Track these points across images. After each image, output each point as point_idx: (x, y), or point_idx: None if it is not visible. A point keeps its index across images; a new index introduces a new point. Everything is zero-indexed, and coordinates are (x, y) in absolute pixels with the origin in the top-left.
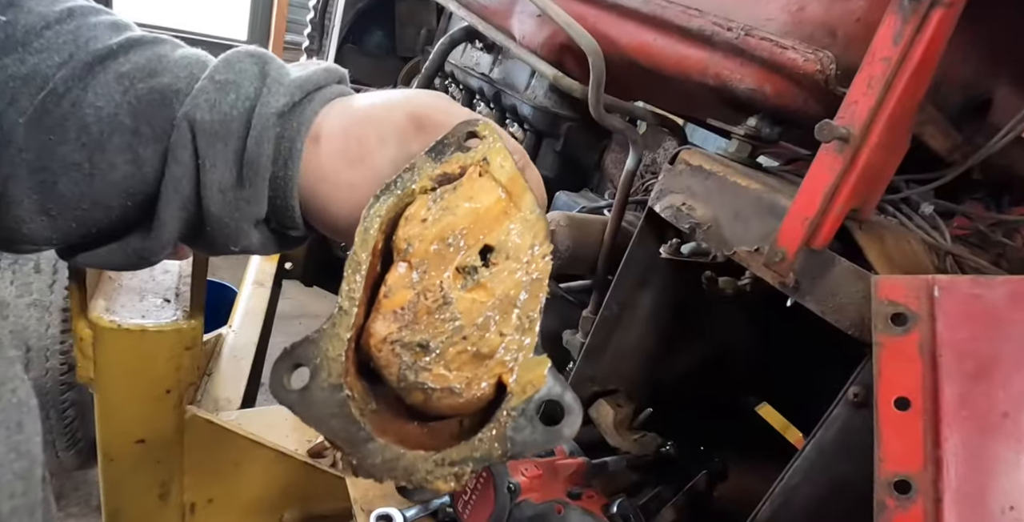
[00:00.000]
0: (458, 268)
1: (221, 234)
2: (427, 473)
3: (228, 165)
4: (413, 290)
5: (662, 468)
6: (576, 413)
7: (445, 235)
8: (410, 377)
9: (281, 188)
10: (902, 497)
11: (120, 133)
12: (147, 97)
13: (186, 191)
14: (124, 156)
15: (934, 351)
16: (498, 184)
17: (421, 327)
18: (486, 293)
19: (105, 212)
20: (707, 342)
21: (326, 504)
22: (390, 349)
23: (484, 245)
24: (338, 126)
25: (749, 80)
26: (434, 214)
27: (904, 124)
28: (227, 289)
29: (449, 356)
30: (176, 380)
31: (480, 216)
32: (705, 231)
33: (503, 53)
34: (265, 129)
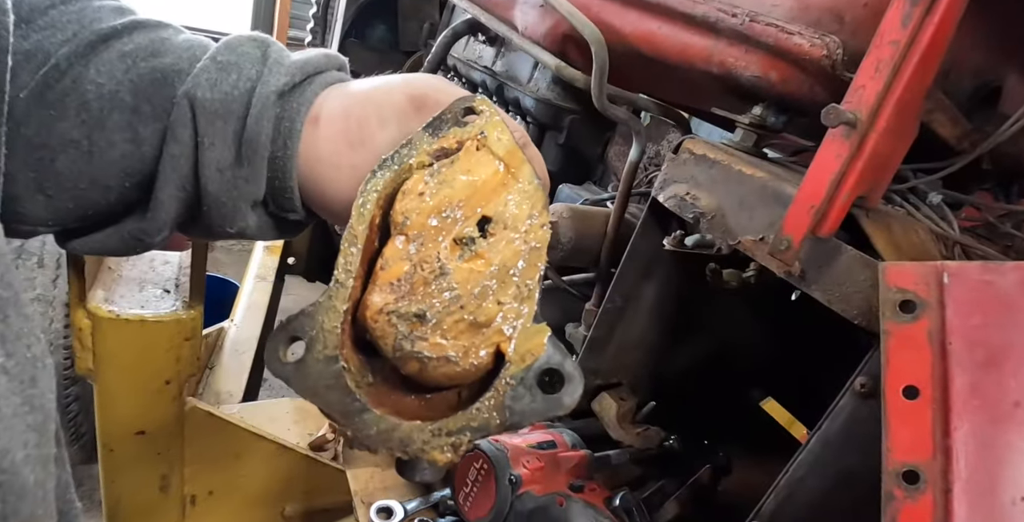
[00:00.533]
0: (455, 239)
1: (218, 214)
2: (423, 443)
3: (227, 144)
4: (410, 262)
5: (665, 462)
6: (577, 381)
7: (442, 207)
8: (406, 347)
9: (280, 168)
10: (911, 488)
11: (120, 111)
12: (149, 76)
13: (184, 170)
14: (123, 134)
15: (943, 339)
16: (496, 157)
17: (418, 298)
18: (484, 263)
19: (103, 192)
20: (711, 335)
21: (328, 497)
22: (386, 320)
23: (482, 216)
24: (338, 108)
25: (754, 67)
26: (431, 188)
27: (912, 110)
28: (230, 284)
29: (446, 325)
30: (176, 371)
31: (478, 188)
32: (709, 220)
33: (506, 46)
34: (265, 108)
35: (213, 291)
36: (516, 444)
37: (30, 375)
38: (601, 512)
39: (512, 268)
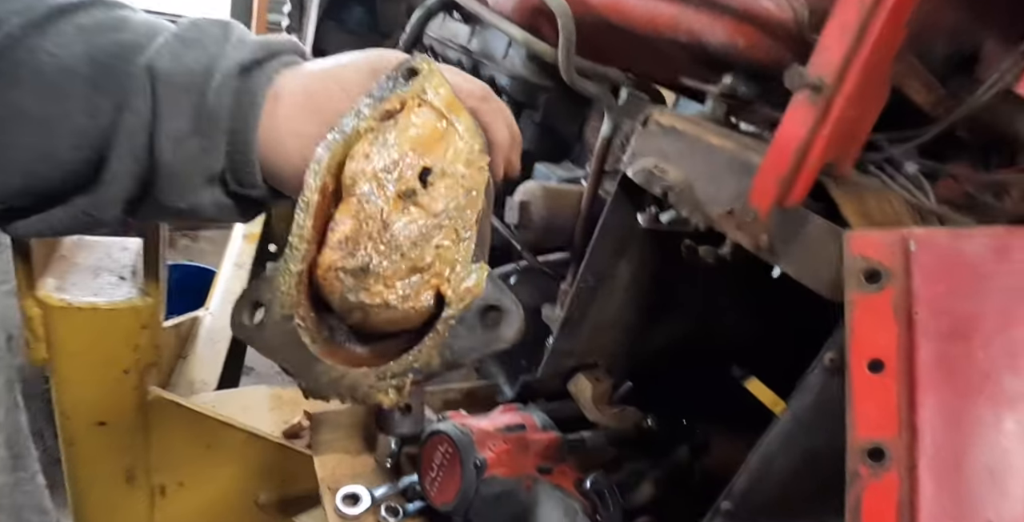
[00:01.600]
0: (399, 194)
1: (170, 187)
2: (369, 388)
3: (186, 115)
4: (356, 220)
5: (643, 443)
6: (514, 315)
7: (387, 166)
8: (351, 298)
9: (241, 141)
10: (875, 465)
11: (77, 82)
12: (108, 49)
13: (140, 140)
14: (79, 106)
15: (909, 309)
16: (435, 110)
17: (362, 252)
18: (423, 212)
19: (53, 167)
20: (689, 313)
21: (302, 485)
22: (334, 275)
23: (422, 168)
24: (299, 83)
25: (721, 33)
26: (376, 149)
27: (881, 73)
28: (209, 272)
29: (387, 274)
30: (134, 360)
31: (419, 143)
32: (678, 194)
33: (480, 24)
34: (226, 80)
35: (190, 279)
36: (483, 427)
37: None
38: (570, 494)
39: (449, 213)
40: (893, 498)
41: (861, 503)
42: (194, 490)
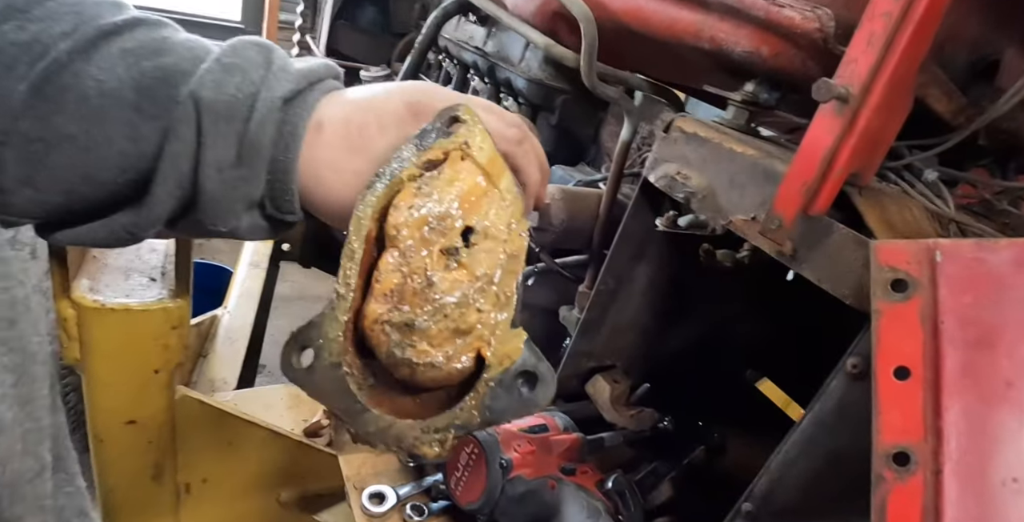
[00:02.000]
0: (441, 250)
1: (212, 213)
2: (415, 439)
3: (229, 144)
4: (401, 273)
5: (659, 444)
6: (549, 382)
7: (429, 220)
8: (397, 354)
9: (281, 170)
10: (901, 469)
11: (121, 107)
12: (151, 74)
13: (184, 168)
14: (123, 131)
15: (936, 318)
16: (478, 166)
17: (407, 308)
18: (467, 272)
19: (95, 188)
20: (705, 316)
21: (322, 483)
22: (380, 329)
23: (465, 227)
24: (339, 114)
25: (745, 42)
26: (419, 201)
27: (906, 84)
28: (225, 271)
29: (432, 333)
30: (164, 360)
31: (461, 199)
32: (700, 200)
33: (497, 26)
34: (270, 112)
35: (207, 279)
36: (507, 428)
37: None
38: (593, 495)
39: (492, 277)
40: (918, 502)
41: (886, 506)
42: (218, 487)
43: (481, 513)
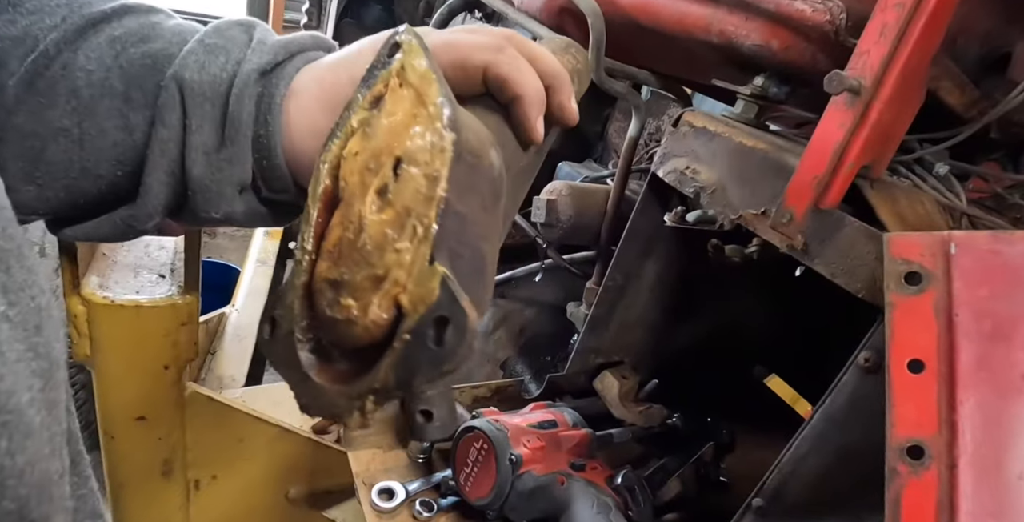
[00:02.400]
0: (376, 191)
1: (203, 199)
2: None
3: (214, 126)
4: (341, 225)
5: (668, 440)
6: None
7: (367, 161)
8: (328, 313)
9: (265, 148)
10: (915, 463)
11: (111, 97)
12: (139, 61)
13: (173, 154)
14: (114, 122)
15: (950, 311)
16: (412, 88)
17: (342, 262)
18: (391, 209)
19: (94, 181)
20: (714, 312)
21: (332, 479)
22: (319, 290)
23: (395, 158)
24: (311, 77)
25: (755, 35)
26: (363, 143)
27: (918, 76)
28: (233, 269)
29: (355, 284)
30: (174, 356)
31: (395, 128)
32: (710, 195)
33: (503, 22)
34: (247, 86)
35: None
36: (516, 424)
37: (35, 323)
38: (603, 490)
39: (411, 209)
40: (933, 495)
41: (901, 500)
42: (227, 484)
43: (491, 509)
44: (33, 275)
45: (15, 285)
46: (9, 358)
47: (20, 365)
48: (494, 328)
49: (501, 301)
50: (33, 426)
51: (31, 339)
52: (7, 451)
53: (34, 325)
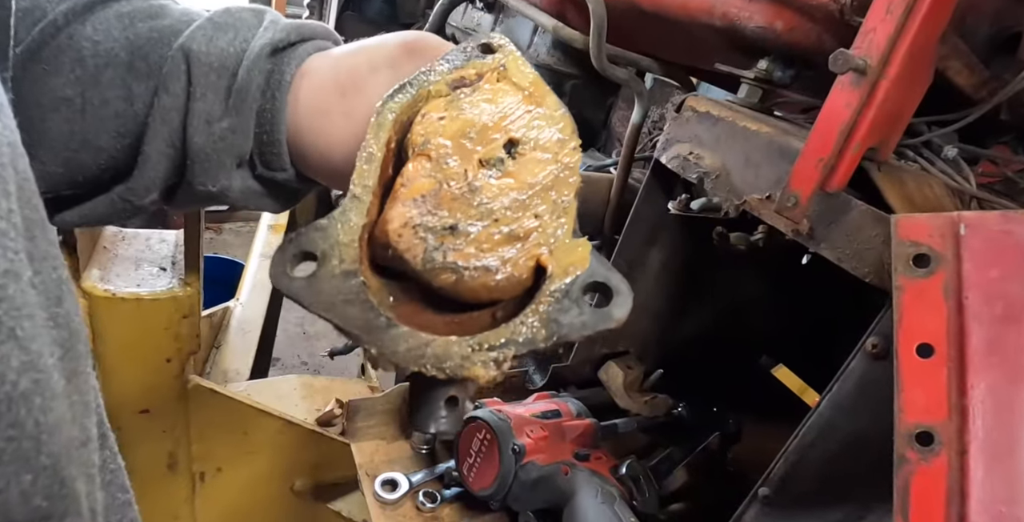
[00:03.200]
0: (481, 160)
1: (201, 170)
2: (463, 359)
3: (218, 96)
4: (434, 179)
5: (674, 430)
6: (626, 294)
7: (465, 130)
8: (437, 258)
9: (268, 122)
10: (924, 449)
11: (115, 67)
12: (146, 35)
13: (174, 123)
14: (117, 91)
15: (960, 293)
16: (518, 87)
17: (446, 213)
18: (515, 181)
19: (94, 155)
20: (719, 301)
21: (336, 472)
22: (412, 233)
23: (508, 139)
24: (326, 62)
25: (759, 17)
26: (452, 113)
27: (926, 55)
28: (238, 265)
29: (480, 237)
30: (176, 349)
31: (501, 113)
32: (714, 180)
33: (504, 12)
34: (258, 60)
35: (220, 271)
36: (520, 414)
37: (56, 295)
38: (607, 480)
39: (546, 186)
40: (942, 482)
41: (909, 487)
42: (232, 476)
43: (494, 499)
44: (54, 248)
45: (39, 254)
46: (37, 322)
47: (43, 330)
48: None
49: None
50: (58, 390)
51: (52, 308)
52: (40, 407)
53: (56, 296)
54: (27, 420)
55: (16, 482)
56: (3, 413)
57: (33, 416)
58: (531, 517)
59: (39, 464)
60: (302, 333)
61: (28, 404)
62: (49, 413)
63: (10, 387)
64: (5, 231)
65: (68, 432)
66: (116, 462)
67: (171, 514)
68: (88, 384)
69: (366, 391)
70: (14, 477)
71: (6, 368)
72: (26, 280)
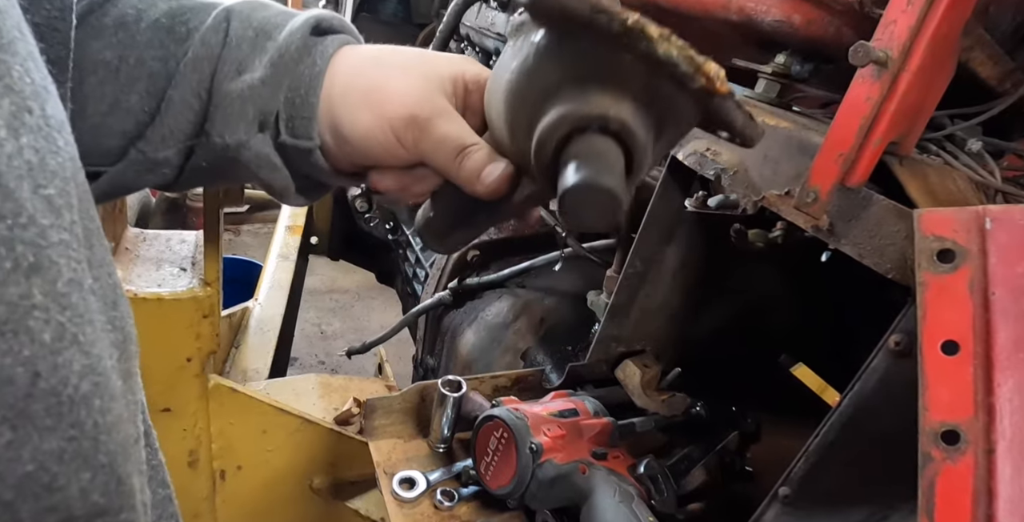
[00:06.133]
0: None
1: (222, 117)
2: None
3: (254, 51)
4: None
5: (692, 429)
6: None
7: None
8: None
9: (305, 84)
10: (950, 448)
11: (155, 30)
12: (189, 4)
13: (204, 71)
14: (153, 52)
15: (986, 289)
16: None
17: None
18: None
19: (121, 118)
20: (737, 298)
21: (354, 470)
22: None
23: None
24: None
25: (776, 11)
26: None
27: (949, 46)
28: (256, 266)
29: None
30: (196, 348)
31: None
32: (732, 176)
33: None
34: (300, 29)
35: (239, 272)
36: (537, 412)
37: (112, 299)
38: (625, 479)
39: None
40: (969, 482)
41: (935, 486)
42: (252, 474)
43: (511, 498)
44: (108, 254)
45: (97, 261)
46: (97, 327)
47: (103, 334)
48: (514, 318)
49: (520, 291)
50: (116, 391)
51: (109, 312)
52: (100, 409)
53: (112, 300)
54: (87, 421)
55: (76, 479)
56: (64, 414)
57: (92, 417)
58: (548, 516)
59: (97, 462)
60: (319, 333)
61: (88, 406)
62: (108, 414)
63: (72, 390)
64: (68, 242)
65: (124, 431)
66: (157, 458)
67: (192, 512)
68: (139, 384)
69: (383, 390)
70: (74, 475)
71: (69, 372)
72: (87, 287)
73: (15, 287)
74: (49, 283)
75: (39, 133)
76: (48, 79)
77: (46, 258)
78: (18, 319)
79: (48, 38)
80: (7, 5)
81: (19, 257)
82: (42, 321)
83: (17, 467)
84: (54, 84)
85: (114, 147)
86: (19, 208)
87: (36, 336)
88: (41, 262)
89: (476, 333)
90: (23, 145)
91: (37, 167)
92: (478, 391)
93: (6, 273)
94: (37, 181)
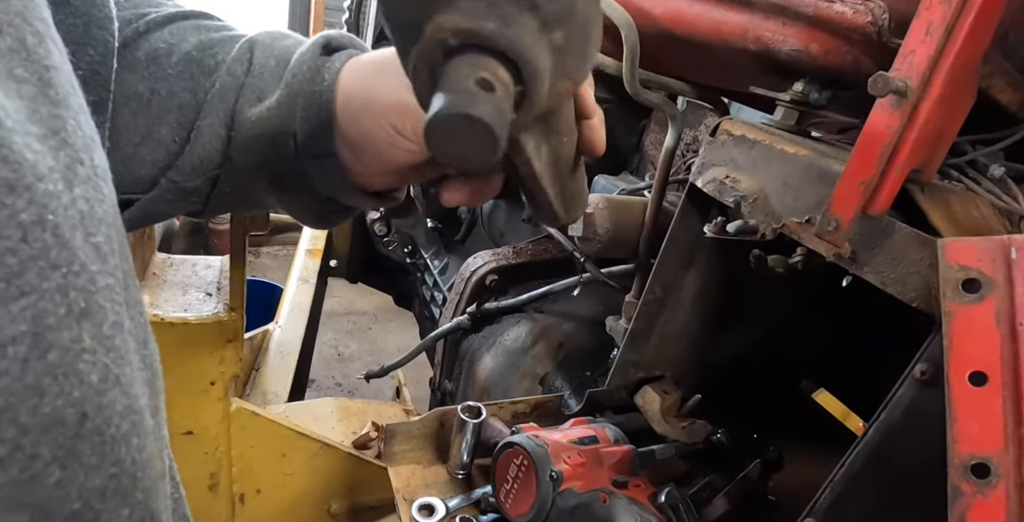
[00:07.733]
0: None
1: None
2: None
3: (273, 78)
4: None
5: (713, 457)
6: None
7: None
8: None
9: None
10: (980, 482)
11: (185, 63)
12: (218, 38)
13: (230, 101)
14: (184, 84)
15: (1013, 319)
16: None
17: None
18: None
19: (152, 149)
20: (758, 324)
21: (372, 495)
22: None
23: None
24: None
25: (793, 40)
26: None
27: (969, 75)
28: (276, 288)
29: None
30: (220, 372)
31: None
32: (751, 204)
33: None
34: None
35: (260, 295)
36: (556, 439)
37: (143, 338)
38: (646, 508)
39: None
40: (1000, 517)
41: (966, 521)
42: (271, 498)
43: None
44: (139, 293)
45: (132, 301)
46: (134, 367)
47: (138, 373)
48: (532, 343)
49: (539, 316)
50: (149, 428)
51: (141, 351)
52: (137, 447)
53: (143, 338)
54: (127, 459)
55: (116, 516)
56: (108, 453)
57: (131, 455)
58: None
59: (135, 499)
60: (337, 354)
61: (128, 444)
62: (143, 451)
63: (115, 430)
64: (112, 286)
65: (156, 467)
66: (179, 491)
67: None
68: (164, 419)
69: (401, 414)
70: (115, 512)
71: (112, 412)
72: (126, 329)
73: (68, 332)
74: (96, 326)
75: (89, 183)
76: (95, 129)
77: (95, 303)
78: (69, 362)
79: (90, 82)
80: (60, 61)
81: (72, 303)
82: (90, 363)
83: (65, 505)
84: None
85: (146, 176)
86: (72, 256)
87: (85, 378)
88: (91, 307)
89: (494, 358)
90: (76, 196)
91: (88, 216)
92: (497, 417)
93: (60, 319)
94: (88, 229)
